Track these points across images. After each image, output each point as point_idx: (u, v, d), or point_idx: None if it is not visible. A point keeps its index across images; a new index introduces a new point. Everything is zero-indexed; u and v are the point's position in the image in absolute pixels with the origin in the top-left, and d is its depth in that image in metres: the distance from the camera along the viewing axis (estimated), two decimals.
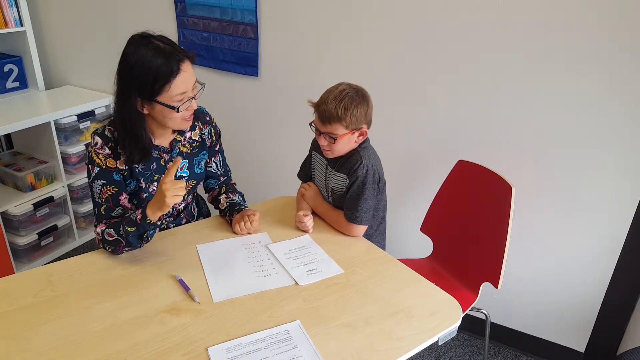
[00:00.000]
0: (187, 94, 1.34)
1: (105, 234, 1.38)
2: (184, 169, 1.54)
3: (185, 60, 1.32)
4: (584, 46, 1.64)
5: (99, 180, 1.40)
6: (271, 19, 2.20)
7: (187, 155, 1.54)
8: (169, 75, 1.29)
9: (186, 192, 1.57)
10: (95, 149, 1.38)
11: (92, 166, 1.39)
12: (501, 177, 1.69)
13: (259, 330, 1.15)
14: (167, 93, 1.31)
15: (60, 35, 2.84)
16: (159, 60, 1.28)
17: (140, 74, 1.29)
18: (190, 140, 1.55)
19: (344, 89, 1.47)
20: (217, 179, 1.69)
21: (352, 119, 1.44)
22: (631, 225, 1.78)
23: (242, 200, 1.67)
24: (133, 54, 1.29)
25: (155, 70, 1.28)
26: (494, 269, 1.63)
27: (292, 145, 2.40)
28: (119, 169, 1.41)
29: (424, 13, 1.86)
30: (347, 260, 1.44)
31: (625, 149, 1.70)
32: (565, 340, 2.07)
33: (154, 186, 1.48)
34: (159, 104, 1.32)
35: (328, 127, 1.46)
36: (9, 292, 1.24)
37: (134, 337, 1.12)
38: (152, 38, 1.32)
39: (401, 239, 2.25)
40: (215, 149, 1.63)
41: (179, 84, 1.31)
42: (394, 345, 1.13)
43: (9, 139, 2.84)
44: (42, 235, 2.56)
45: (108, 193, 1.40)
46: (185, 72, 1.31)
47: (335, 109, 1.43)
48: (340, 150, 1.52)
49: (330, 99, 1.44)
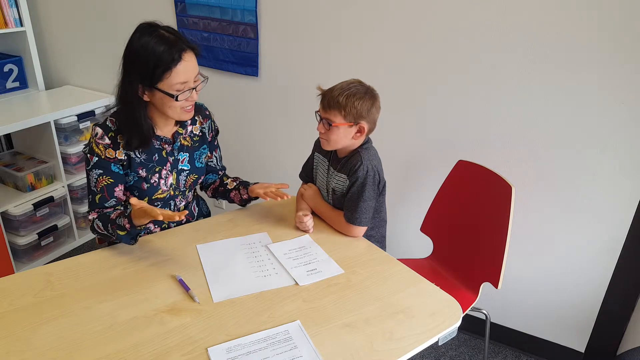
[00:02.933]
0: (188, 84, 1.35)
1: (95, 224, 1.43)
2: (185, 162, 1.55)
3: (188, 51, 1.34)
4: (584, 46, 1.64)
5: (96, 170, 1.42)
6: (271, 19, 2.20)
7: (188, 149, 1.56)
8: (170, 63, 1.30)
9: (187, 187, 1.58)
10: (96, 139, 1.41)
11: (91, 155, 1.42)
12: (501, 177, 1.69)
13: (259, 331, 1.15)
14: (167, 80, 1.32)
15: (60, 35, 2.84)
16: (161, 48, 1.30)
17: (142, 59, 1.31)
18: (192, 134, 1.56)
19: (355, 83, 1.49)
20: (217, 174, 1.72)
21: (352, 110, 1.45)
22: (631, 225, 1.78)
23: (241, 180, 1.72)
24: (137, 40, 1.32)
25: (156, 56, 1.30)
26: (494, 269, 1.63)
27: (292, 145, 2.40)
28: (118, 159, 1.42)
29: (424, 14, 1.86)
30: (347, 260, 1.44)
31: (625, 149, 1.70)
32: (565, 340, 2.07)
33: (155, 177, 1.49)
34: (159, 91, 1.34)
35: (328, 113, 1.48)
36: (9, 292, 1.24)
37: (134, 337, 1.12)
38: (159, 27, 1.35)
39: (401, 239, 2.25)
40: (214, 144, 1.66)
41: (180, 72, 1.32)
42: (394, 346, 1.13)
43: (9, 139, 2.84)
44: (42, 235, 2.56)
45: (104, 183, 1.42)
46: (186, 61, 1.32)
47: (338, 96, 1.45)
48: (335, 141, 1.51)
49: (337, 87, 1.48)
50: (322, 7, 2.06)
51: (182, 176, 1.56)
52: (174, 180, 1.53)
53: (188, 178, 1.57)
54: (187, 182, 1.58)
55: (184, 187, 1.58)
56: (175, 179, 1.54)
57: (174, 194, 1.56)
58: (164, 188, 1.52)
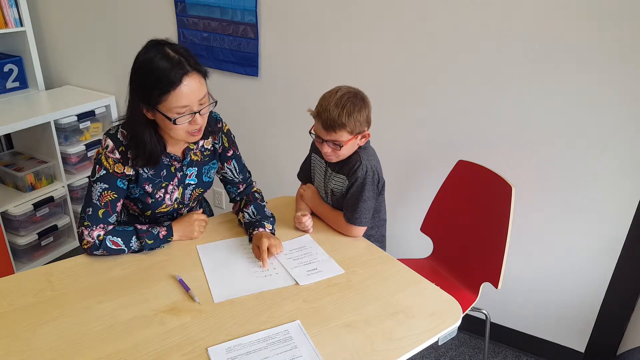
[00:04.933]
0: (190, 107, 1.27)
1: (108, 241, 1.37)
2: (193, 176, 1.50)
3: (192, 73, 1.24)
4: (584, 46, 1.64)
5: (102, 184, 1.36)
6: (271, 19, 2.20)
7: (197, 164, 1.49)
8: (168, 86, 1.22)
9: (192, 200, 1.56)
10: (106, 152, 1.35)
11: (99, 167, 1.36)
12: (501, 177, 1.69)
13: (259, 330, 1.15)
14: (166, 103, 1.24)
15: (60, 35, 2.84)
16: (162, 67, 1.22)
17: (142, 77, 1.25)
18: (202, 148, 1.49)
19: (343, 93, 1.44)
20: (236, 187, 1.60)
21: (356, 124, 1.43)
22: (631, 225, 1.78)
23: (254, 214, 1.55)
24: (142, 55, 1.26)
25: (155, 77, 1.22)
26: (494, 269, 1.63)
27: (292, 145, 2.40)
28: (125, 175, 1.37)
29: (424, 13, 1.86)
30: (347, 260, 1.44)
31: (626, 149, 1.70)
32: (565, 340, 2.07)
33: (160, 192, 1.45)
34: (159, 112, 1.27)
35: (332, 135, 1.44)
36: (9, 292, 1.24)
37: (134, 337, 1.12)
38: (167, 45, 1.26)
39: (401, 239, 2.25)
40: (227, 154, 1.55)
41: (179, 96, 1.23)
42: (394, 345, 1.13)
43: (9, 139, 2.84)
44: (42, 235, 2.56)
45: (108, 198, 1.37)
46: (186, 85, 1.23)
47: (339, 116, 1.41)
48: (345, 155, 1.51)
49: (332, 106, 1.42)
50: (322, 7, 2.06)
51: (188, 190, 1.50)
52: (179, 195, 1.49)
53: (194, 192, 1.53)
54: (192, 195, 1.53)
55: (188, 201, 1.53)
56: (180, 193, 1.49)
57: (178, 207, 1.53)
58: (168, 203, 1.47)
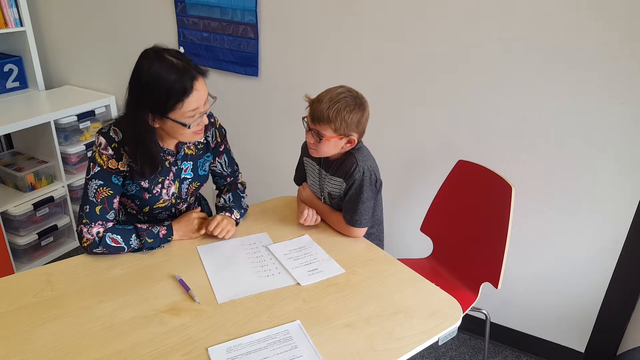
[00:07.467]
0: (199, 109, 1.33)
1: (107, 239, 1.38)
2: (188, 170, 1.53)
3: (199, 77, 1.30)
4: (584, 46, 1.64)
5: (97, 180, 1.39)
6: (271, 19, 2.20)
7: (192, 157, 1.53)
8: (182, 94, 1.27)
9: (189, 194, 1.58)
10: (100, 150, 1.38)
11: (94, 164, 1.39)
12: (501, 177, 1.69)
13: (259, 330, 1.15)
14: (180, 111, 1.29)
15: (60, 35, 2.84)
16: (172, 78, 1.25)
17: (153, 91, 1.27)
18: (196, 142, 1.54)
19: (343, 92, 1.44)
20: (224, 179, 1.68)
21: (342, 124, 1.42)
22: (631, 225, 1.78)
23: (229, 200, 1.62)
24: (147, 70, 1.26)
25: (167, 88, 1.26)
26: (494, 269, 1.63)
27: (292, 145, 2.39)
28: (120, 171, 1.40)
29: (423, 13, 1.86)
30: (347, 260, 1.44)
31: (625, 149, 1.70)
32: (565, 340, 2.07)
33: (157, 187, 1.47)
34: (171, 120, 1.31)
35: (317, 126, 1.44)
36: (9, 292, 1.24)
37: (134, 337, 1.12)
38: (166, 53, 1.29)
39: (401, 239, 2.25)
40: (219, 149, 1.60)
41: (192, 102, 1.29)
42: (394, 345, 1.13)
43: (9, 139, 2.84)
44: (42, 235, 2.56)
45: (104, 194, 1.40)
46: (198, 90, 1.29)
47: (328, 110, 1.40)
48: (325, 151, 1.49)
49: (326, 99, 1.42)
50: (322, 7, 2.06)
51: (185, 184, 1.53)
52: (176, 189, 1.51)
53: (190, 186, 1.56)
54: (189, 190, 1.56)
55: (185, 195, 1.56)
56: (177, 187, 1.52)
57: (175, 202, 1.55)
58: (166, 197, 1.50)
